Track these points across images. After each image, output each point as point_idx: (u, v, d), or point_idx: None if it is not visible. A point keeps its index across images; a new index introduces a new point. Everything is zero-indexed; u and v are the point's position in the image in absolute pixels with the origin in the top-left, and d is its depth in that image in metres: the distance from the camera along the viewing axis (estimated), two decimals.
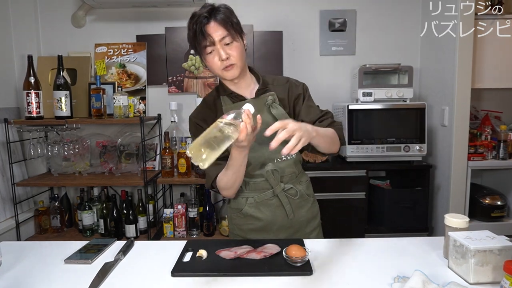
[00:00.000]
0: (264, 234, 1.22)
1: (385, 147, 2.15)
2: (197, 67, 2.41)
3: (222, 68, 1.10)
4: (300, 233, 1.25)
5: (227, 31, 1.06)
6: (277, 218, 1.20)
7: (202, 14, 1.06)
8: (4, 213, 2.08)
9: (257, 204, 1.20)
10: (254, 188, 1.20)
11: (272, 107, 1.16)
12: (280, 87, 1.21)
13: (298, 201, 1.23)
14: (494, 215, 2.16)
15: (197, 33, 1.06)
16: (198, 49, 1.12)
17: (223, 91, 1.20)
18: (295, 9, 2.43)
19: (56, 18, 2.38)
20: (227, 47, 1.08)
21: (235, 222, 1.26)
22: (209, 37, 1.06)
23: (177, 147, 2.26)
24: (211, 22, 1.05)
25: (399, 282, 0.89)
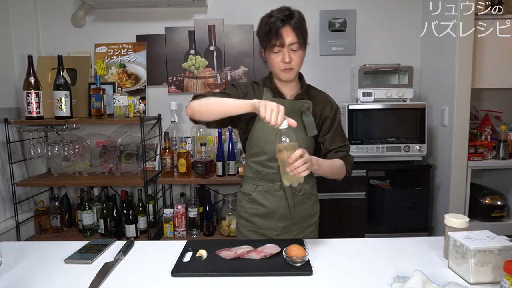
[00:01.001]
0: (265, 220, 1.32)
1: (385, 147, 2.15)
2: (197, 67, 2.41)
3: (281, 69, 1.22)
4: (297, 226, 1.34)
5: (297, 38, 1.19)
6: (279, 208, 1.30)
7: (280, 16, 1.18)
8: (4, 213, 2.08)
9: (265, 193, 1.30)
10: (264, 178, 1.30)
11: (304, 113, 1.26)
12: (318, 100, 1.32)
13: (301, 197, 1.32)
14: (494, 215, 2.16)
15: (271, 31, 1.18)
16: (265, 45, 1.22)
17: (268, 84, 1.31)
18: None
19: (56, 18, 2.38)
20: (293, 52, 1.20)
21: (242, 205, 1.36)
22: (281, 39, 1.17)
23: (177, 147, 2.26)
24: (286, 26, 1.18)
25: (399, 282, 0.89)
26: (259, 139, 1.28)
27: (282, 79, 1.26)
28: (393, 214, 2.13)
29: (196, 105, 1.19)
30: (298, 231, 1.34)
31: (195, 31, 2.40)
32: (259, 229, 1.34)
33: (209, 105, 1.18)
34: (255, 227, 1.34)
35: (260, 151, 1.29)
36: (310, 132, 1.26)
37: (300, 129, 1.25)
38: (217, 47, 2.41)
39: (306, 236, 1.34)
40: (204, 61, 2.42)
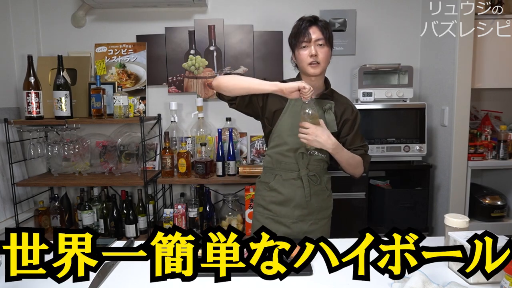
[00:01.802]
0: (282, 207, 1.40)
1: (385, 147, 2.15)
2: (197, 67, 2.41)
3: (308, 63, 1.31)
4: (312, 216, 1.41)
5: (322, 35, 1.30)
6: (296, 196, 1.38)
7: (308, 19, 1.33)
8: (4, 213, 2.08)
9: (283, 181, 1.39)
10: (284, 168, 1.39)
11: (327, 112, 1.37)
12: (339, 103, 1.42)
13: (317, 189, 1.40)
14: (494, 215, 2.16)
15: (300, 30, 1.30)
16: (294, 44, 1.34)
17: None
18: (295, 9, 2.42)
19: (56, 18, 2.38)
20: (319, 47, 1.30)
21: (261, 193, 1.45)
22: (308, 35, 1.29)
23: (177, 147, 2.26)
24: (313, 26, 1.31)
25: (399, 282, 0.89)
26: (283, 131, 1.37)
27: (310, 73, 1.33)
28: (393, 214, 2.13)
29: (224, 78, 1.31)
30: (313, 222, 1.41)
31: (195, 31, 2.40)
32: (276, 216, 1.41)
33: (236, 79, 1.31)
34: (272, 215, 1.42)
35: (282, 142, 1.38)
36: (331, 128, 1.34)
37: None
38: (217, 47, 2.41)
39: (320, 228, 1.43)
40: (204, 61, 2.42)
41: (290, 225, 1.39)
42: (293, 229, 1.39)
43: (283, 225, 1.39)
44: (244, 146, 2.43)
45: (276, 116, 1.38)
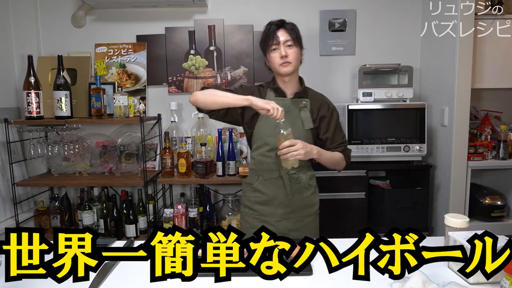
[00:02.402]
0: (266, 206, 1.46)
1: (385, 147, 2.15)
2: (197, 67, 2.41)
3: (280, 64, 1.39)
4: (296, 214, 1.46)
5: (290, 36, 1.38)
6: (278, 195, 1.44)
7: (275, 22, 1.40)
8: (4, 213, 2.08)
9: (265, 182, 1.45)
10: (265, 168, 1.45)
11: (302, 110, 1.44)
12: (314, 100, 1.48)
13: (299, 187, 1.45)
14: (494, 215, 2.16)
15: (269, 34, 1.38)
16: (265, 48, 1.42)
17: (272, 84, 1.48)
18: (295, 9, 2.42)
19: (56, 18, 2.38)
20: (288, 48, 1.39)
21: (246, 194, 1.52)
22: (277, 37, 1.38)
23: (177, 147, 2.26)
24: (280, 29, 1.39)
25: (399, 282, 0.89)
26: (262, 133, 1.44)
27: (282, 73, 1.40)
28: (393, 214, 2.13)
29: (200, 95, 1.38)
30: (298, 219, 1.47)
31: (195, 31, 2.40)
32: (261, 215, 1.47)
33: (211, 96, 1.37)
34: (257, 214, 1.48)
35: (262, 143, 1.44)
36: (306, 125, 1.43)
37: (298, 123, 1.43)
38: (217, 47, 2.41)
39: (306, 225, 1.48)
40: (204, 61, 2.42)
41: (274, 224, 1.45)
42: (278, 227, 1.44)
43: (268, 224, 1.43)
44: (244, 146, 2.43)
45: (255, 119, 1.45)
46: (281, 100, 1.44)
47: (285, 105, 1.40)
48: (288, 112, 1.39)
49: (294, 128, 1.37)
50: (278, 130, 1.26)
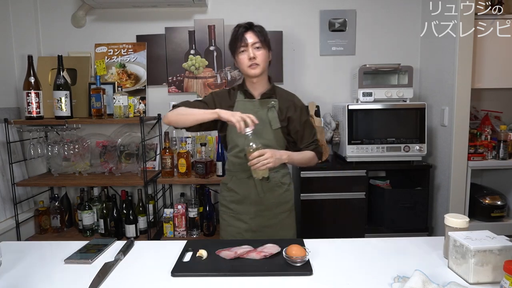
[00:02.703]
0: (240, 205, 1.50)
1: (385, 147, 2.15)
2: (197, 67, 2.41)
3: (248, 66, 1.41)
4: (270, 211, 1.50)
5: (258, 38, 1.41)
6: (250, 194, 1.48)
7: (243, 25, 1.42)
8: (4, 213, 2.08)
9: (238, 181, 1.50)
10: (238, 169, 1.49)
11: (270, 110, 1.46)
12: (283, 100, 1.50)
13: (271, 186, 1.48)
14: (494, 215, 2.16)
15: (237, 36, 1.41)
16: (233, 49, 1.45)
17: (241, 87, 1.52)
18: (295, 9, 2.43)
19: (56, 18, 2.38)
20: (256, 50, 1.41)
21: (222, 194, 1.57)
22: (245, 40, 1.40)
23: (177, 147, 2.26)
24: (249, 31, 1.41)
25: (399, 282, 0.89)
26: (233, 135, 1.46)
27: (250, 74, 1.43)
28: (393, 214, 2.13)
29: (170, 116, 1.43)
30: (271, 216, 1.50)
31: (195, 31, 2.40)
32: (236, 213, 1.51)
33: (181, 115, 1.41)
34: (233, 213, 1.52)
35: (234, 145, 1.48)
36: (274, 125, 1.45)
37: (266, 123, 1.45)
38: (217, 47, 2.41)
39: (281, 222, 1.51)
40: (204, 61, 2.42)
41: (248, 221, 1.49)
42: (252, 224, 1.49)
43: (243, 222, 1.49)
44: None
45: (225, 123, 1.44)
46: (250, 101, 1.48)
47: (254, 106, 1.46)
48: (256, 113, 1.42)
49: (263, 128, 1.43)
50: (247, 142, 1.30)
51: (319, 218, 2.12)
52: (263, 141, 1.42)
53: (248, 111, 1.43)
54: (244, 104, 1.48)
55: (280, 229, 1.50)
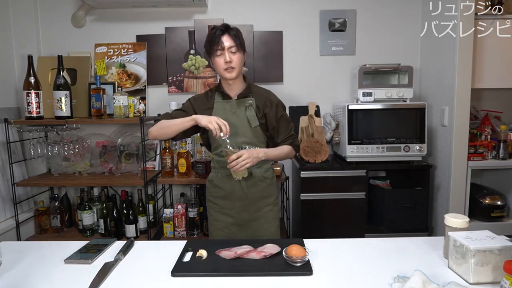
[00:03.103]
0: (226, 201, 1.56)
1: (385, 147, 2.15)
2: (197, 67, 2.41)
3: (224, 69, 1.45)
4: (254, 206, 1.55)
5: (234, 42, 1.44)
6: (235, 190, 1.53)
7: (220, 28, 1.45)
8: (4, 213, 2.08)
9: (223, 178, 1.55)
10: (222, 166, 1.52)
11: (248, 108, 1.51)
12: (259, 97, 1.55)
13: (254, 181, 1.53)
14: (494, 215, 2.16)
15: (214, 39, 1.43)
16: (210, 51, 1.47)
17: (218, 88, 1.56)
18: (295, 9, 2.43)
19: (56, 18, 2.38)
20: (232, 54, 1.45)
21: (209, 190, 1.62)
22: (221, 43, 1.43)
23: (177, 147, 2.26)
24: (225, 34, 1.44)
25: (399, 282, 0.89)
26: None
27: (227, 78, 1.47)
28: (393, 214, 2.13)
29: (153, 131, 1.50)
30: (255, 210, 1.55)
31: (195, 31, 2.40)
32: (222, 209, 1.57)
33: (162, 129, 1.48)
34: (219, 208, 1.58)
35: (216, 145, 1.54)
36: (253, 123, 1.50)
37: (245, 122, 1.51)
38: None
39: (265, 214, 1.56)
40: (204, 61, 2.42)
41: (234, 215, 1.55)
42: (237, 218, 1.55)
43: (229, 216, 1.56)
44: None
45: None
46: (227, 102, 1.53)
47: (232, 106, 1.52)
48: (235, 113, 1.50)
49: (242, 127, 1.49)
50: (225, 145, 1.39)
51: (319, 218, 2.13)
52: (244, 139, 1.49)
53: (226, 111, 1.51)
54: (222, 105, 1.53)
55: (265, 222, 1.56)
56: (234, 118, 1.50)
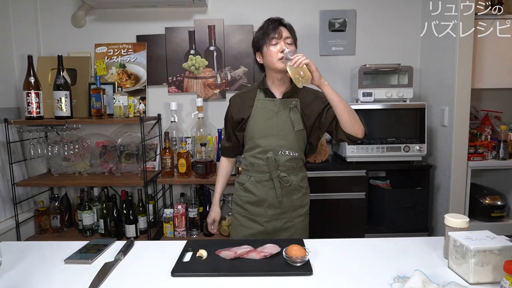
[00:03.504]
0: (256, 207, 1.47)
1: (385, 147, 2.15)
2: (197, 67, 2.41)
3: (279, 58, 1.35)
4: (286, 215, 1.47)
5: (291, 34, 1.39)
6: (268, 197, 1.44)
7: (277, 19, 1.40)
8: (4, 213, 2.08)
9: (256, 183, 1.45)
10: (256, 170, 1.45)
11: (292, 110, 1.41)
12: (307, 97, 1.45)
13: (290, 189, 1.44)
14: (494, 215, 2.16)
15: (270, 28, 1.37)
16: (263, 41, 1.38)
17: (262, 85, 1.47)
18: (295, 9, 2.43)
19: (56, 18, 2.38)
20: (288, 45, 1.37)
21: (238, 193, 1.54)
22: (279, 32, 1.37)
23: (177, 147, 2.26)
24: (282, 26, 1.39)
25: (399, 282, 0.89)
26: (253, 135, 1.43)
27: (280, 68, 1.36)
28: (393, 214, 2.13)
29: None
30: (287, 220, 1.47)
31: (195, 31, 2.40)
32: (251, 215, 1.48)
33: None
34: (247, 213, 1.49)
35: (254, 145, 1.44)
36: (296, 127, 1.40)
37: (288, 124, 1.41)
38: (217, 47, 2.41)
39: (295, 225, 1.48)
40: (204, 61, 2.42)
41: (264, 224, 1.46)
42: (267, 227, 1.46)
43: (257, 223, 1.47)
44: None
45: (244, 123, 1.47)
46: (271, 100, 1.43)
47: (275, 106, 1.41)
48: (278, 113, 1.41)
49: (284, 129, 1.40)
50: (286, 60, 1.31)
51: (319, 218, 2.12)
52: (284, 143, 1.40)
53: (268, 111, 1.41)
54: (264, 103, 1.43)
55: (295, 233, 1.47)
56: (276, 119, 1.40)
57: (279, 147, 1.40)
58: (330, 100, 1.35)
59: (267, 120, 1.40)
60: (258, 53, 1.44)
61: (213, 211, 1.64)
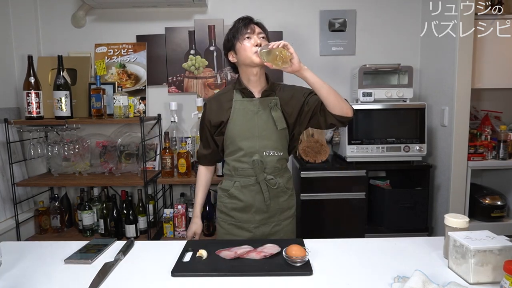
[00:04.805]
0: (243, 213, 1.41)
1: (385, 147, 2.15)
2: (197, 67, 2.41)
3: (254, 52, 1.32)
4: (274, 218, 1.43)
5: (262, 30, 1.37)
6: (255, 202, 1.39)
7: (247, 17, 1.38)
8: (4, 213, 2.08)
9: (241, 188, 1.40)
10: (241, 174, 1.39)
11: (273, 109, 1.37)
12: (286, 94, 1.42)
13: (276, 191, 1.40)
14: (494, 215, 2.16)
15: (241, 25, 1.34)
16: (237, 37, 1.35)
17: (238, 85, 1.42)
18: (295, 9, 2.42)
19: (56, 18, 2.38)
20: (262, 40, 1.35)
21: (222, 200, 1.46)
22: (252, 27, 1.34)
23: (177, 147, 2.26)
24: (252, 23, 1.36)
25: (399, 282, 0.89)
26: (234, 138, 1.38)
27: (256, 62, 1.32)
28: (393, 214, 2.13)
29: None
30: (275, 223, 1.43)
31: (195, 31, 2.40)
32: (238, 222, 1.43)
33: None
34: (234, 221, 1.43)
35: (236, 148, 1.38)
36: (279, 125, 1.36)
37: (270, 123, 1.37)
38: (217, 47, 2.41)
39: (283, 228, 1.44)
40: (204, 61, 2.42)
41: (252, 230, 1.41)
42: (256, 233, 1.41)
43: (245, 230, 1.41)
44: None
45: (223, 127, 1.40)
46: (249, 101, 1.38)
47: (254, 106, 1.37)
48: (258, 113, 1.36)
49: (267, 129, 1.35)
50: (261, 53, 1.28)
51: (319, 218, 2.13)
52: (267, 143, 1.36)
53: (247, 111, 1.36)
54: (242, 103, 1.37)
55: (284, 236, 1.44)
56: (257, 120, 1.36)
57: (262, 148, 1.36)
58: (312, 84, 1.31)
59: (247, 121, 1.36)
60: (231, 52, 1.39)
61: (194, 224, 1.52)
